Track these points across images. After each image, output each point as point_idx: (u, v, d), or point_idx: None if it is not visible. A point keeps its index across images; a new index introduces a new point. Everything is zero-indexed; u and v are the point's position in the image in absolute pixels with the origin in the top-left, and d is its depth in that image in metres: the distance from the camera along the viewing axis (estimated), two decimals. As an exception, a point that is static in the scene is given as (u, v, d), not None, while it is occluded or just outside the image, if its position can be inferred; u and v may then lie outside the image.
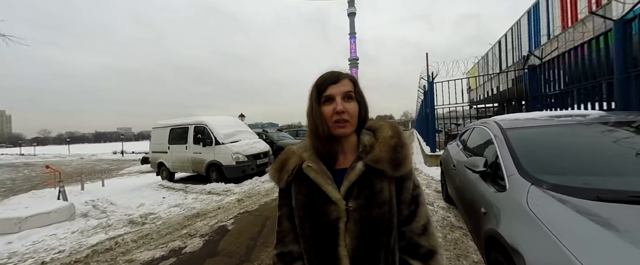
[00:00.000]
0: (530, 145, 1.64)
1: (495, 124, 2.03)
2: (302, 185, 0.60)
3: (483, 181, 1.71)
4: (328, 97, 0.58)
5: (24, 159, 24.05)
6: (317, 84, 0.60)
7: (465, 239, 2.39)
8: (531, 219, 1.10)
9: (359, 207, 0.56)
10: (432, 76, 6.84)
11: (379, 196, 0.57)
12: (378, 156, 0.57)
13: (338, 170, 0.60)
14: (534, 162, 1.45)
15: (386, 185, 0.58)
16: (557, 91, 4.65)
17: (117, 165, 13.79)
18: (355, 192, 0.57)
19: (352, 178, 0.57)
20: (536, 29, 10.91)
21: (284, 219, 0.65)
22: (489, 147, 1.96)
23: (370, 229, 0.55)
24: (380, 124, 0.64)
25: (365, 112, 0.63)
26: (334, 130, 0.58)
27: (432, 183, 4.78)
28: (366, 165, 0.57)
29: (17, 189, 8.00)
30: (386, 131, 0.61)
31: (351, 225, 0.56)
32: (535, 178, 1.30)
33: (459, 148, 2.93)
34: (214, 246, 2.68)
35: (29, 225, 3.38)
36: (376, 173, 0.57)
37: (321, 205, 0.57)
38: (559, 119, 1.89)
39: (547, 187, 1.22)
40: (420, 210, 0.61)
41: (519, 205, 1.22)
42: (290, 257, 0.62)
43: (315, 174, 0.58)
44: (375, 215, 0.56)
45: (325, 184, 0.57)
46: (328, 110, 0.58)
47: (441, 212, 3.18)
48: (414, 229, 0.59)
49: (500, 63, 14.33)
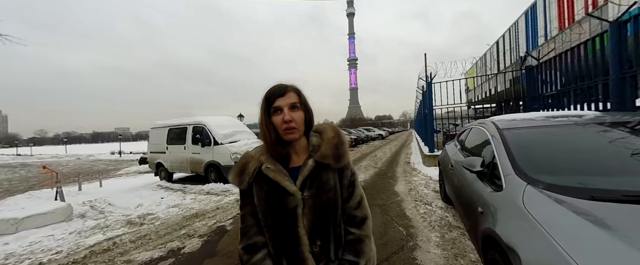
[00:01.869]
0: (527, 145, 1.66)
1: (492, 124, 2.05)
2: (263, 184, 0.70)
3: (480, 181, 1.72)
4: (276, 108, 0.69)
5: (20, 159, 23.85)
6: (266, 97, 0.71)
7: (462, 239, 2.40)
8: (527, 218, 1.12)
9: (312, 195, 0.69)
10: (431, 77, 6.87)
11: (327, 184, 0.71)
12: (324, 153, 0.71)
13: (292, 168, 0.72)
14: (530, 162, 1.47)
15: (331, 176, 0.72)
16: (554, 92, 4.69)
17: (114, 166, 13.72)
18: (308, 184, 0.70)
19: (305, 173, 0.70)
20: (534, 29, 10.99)
21: (247, 216, 0.74)
22: (486, 147, 1.98)
23: (321, 210, 0.70)
24: (324, 127, 0.78)
25: (310, 117, 0.75)
26: (284, 136, 0.69)
27: (431, 183, 4.80)
28: (316, 161, 0.71)
29: (13, 189, 7.94)
30: (329, 133, 0.75)
31: (307, 210, 0.69)
32: (531, 178, 1.31)
33: (457, 148, 2.94)
34: (212, 247, 2.67)
35: (26, 226, 3.36)
36: (323, 167, 0.71)
37: (281, 198, 0.68)
38: (555, 120, 1.91)
39: (543, 187, 1.23)
40: (356, 191, 0.77)
41: (515, 204, 1.23)
42: (255, 247, 0.71)
43: (273, 173, 0.69)
44: (324, 200, 0.70)
45: (284, 180, 0.69)
46: (278, 120, 0.69)
47: (439, 212, 3.20)
48: (352, 205, 0.76)
49: (498, 64, 14.41)
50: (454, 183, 2.58)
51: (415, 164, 7.13)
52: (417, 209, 3.39)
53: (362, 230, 0.75)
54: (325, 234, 0.71)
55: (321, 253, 0.70)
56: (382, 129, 34.07)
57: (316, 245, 0.70)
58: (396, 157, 9.58)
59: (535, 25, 10.80)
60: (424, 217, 3.05)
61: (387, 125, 72.04)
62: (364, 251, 0.73)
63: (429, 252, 2.23)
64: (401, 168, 6.89)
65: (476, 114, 10.49)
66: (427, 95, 7.12)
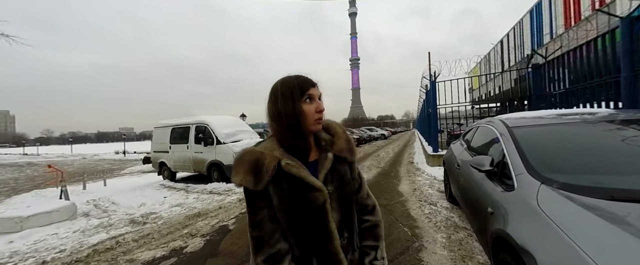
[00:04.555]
0: (538, 143, 1.61)
1: (501, 122, 1.99)
2: (283, 182, 0.65)
3: (489, 180, 1.67)
4: (310, 96, 0.67)
5: (27, 158, 24.20)
6: (298, 84, 0.67)
7: (469, 240, 2.35)
8: (542, 218, 1.07)
9: (336, 188, 0.70)
10: (435, 75, 6.79)
11: (345, 177, 0.73)
12: (341, 147, 0.73)
13: (307, 163, 0.69)
14: (542, 161, 1.42)
15: (347, 168, 0.75)
16: (562, 90, 4.59)
17: (119, 165, 13.83)
18: (329, 177, 0.69)
19: (327, 166, 0.70)
20: (539, 28, 10.84)
21: (265, 221, 0.66)
22: (494, 146, 1.93)
23: (346, 202, 0.71)
24: (330, 123, 0.78)
25: None
26: (314, 126, 0.68)
27: (435, 183, 4.74)
28: (334, 155, 0.72)
29: (19, 188, 8.03)
30: (338, 129, 0.77)
31: (334, 203, 0.68)
32: (545, 177, 1.26)
33: (463, 147, 2.89)
34: (215, 246, 2.66)
35: (31, 224, 3.37)
36: (340, 160, 0.73)
37: (307, 194, 0.65)
38: (566, 117, 1.85)
39: (558, 186, 1.18)
40: (363, 183, 0.82)
41: (528, 204, 1.19)
42: (279, 256, 0.65)
43: (296, 169, 0.65)
44: (347, 191, 0.72)
45: (308, 176, 0.65)
46: (311, 109, 0.67)
47: (445, 212, 3.14)
48: (363, 195, 0.81)
49: (502, 62, 14.24)
50: (460, 183, 2.52)
51: (419, 164, 7.06)
52: (421, 209, 3.33)
53: (375, 216, 0.80)
54: (351, 225, 0.73)
55: (348, 244, 0.71)
56: (385, 128, 33.91)
57: (344, 238, 0.70)
58: (399, 156, 9.50)
59: (541, 24, 10.65)
60: (429, 218, 3.00)
61: (390, 125, 71.75)
62: (381, 235, 0.79)
63: (436, 253, 2.19)
64: (404, 168, 6.83)
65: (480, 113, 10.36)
66: (431, 94, 7.03)
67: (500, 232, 1.27)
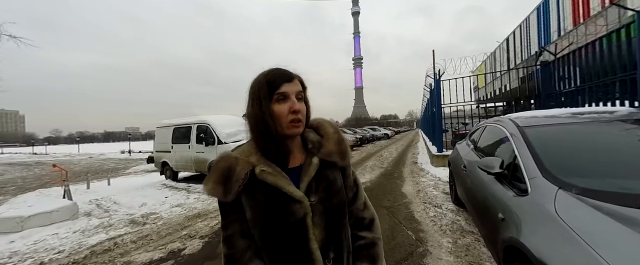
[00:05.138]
0: (553, 144, 1.50)
1: (510, 122, 1.88)
2: (257, 192, 0.56)
3: (499, 184, 1.57)
4: (282, 94, 0.56)
5: (36, 157, 24.70)
6: (268, 79, 0.57)
7: (477, 245, 2.24)
8: (562, 228, 0.97)
9: (321, 199, 0.59)
10: (439, 74, 6.65)
11: (334, 185, 0.62)
12: (329, 150, 0.62)
13: (290, 169, 0.60)
14: (558, 164, 1.31)
15: (337, 175, 0.63)
16: (573, 88, 4.42)
17: (124, 164, 13.98)
18: (314, 186, 0.59)
19: (311, 173, 0.59)
20: (546, 25, 10.55)
21: (236, 237, 0.58)
22: (504, 147, 1.82)
23: (333, 216, 0.60)
24: (321, 122, 0.67)
25: (309, 113, 0.64)
26: (288, 130, 0.57)
27: (440, 184, 4.61)
28: (320, 159, 0.60)
29: (27, 187, 8.15)
30: (329, 128, 0.66)
31: (317, 218, 0.58)
32: (563, 181, 1.16)
33: (470, 148, 2.77)
34: (213, 248, 2.60)
35: (32, 224, 3.37)
36: (328, 165, 0.61)
37: (284, 207, 0.56)
38: (583, 117, 1.73)
39: (578, 192, 1.08)
40: (360, 191, 0.70)
41: (545, 211, 1.09)
42: None
43: (273, 177, 0.56)
44: (335, 203, 0.61)
45: (287, 185, 0.56)
46: (283, 109, 0.56)
47: (450, 215, 3.03)
48: (358, 206, 0.69)
49: (508, 61, 13.93)
50: (467, 185, 2.42)
51: (423, 164, 6.92)
52: (426, 212, 3.23)
53: (373, 232, 0.68)
54: (338, 243, 0.61)
55: None
56: (388, 128, 33.66)
57: (329, 259, 0.59)
58: (402, 156, 9.36)
59: (548, 21, 10.36)
60: (434, 221, 2.89)
61: (393, 124, 71.25)
62: (379, 255, 0.67)
63: (441, 259, 2.09)
64: (408, 168, 6.70)
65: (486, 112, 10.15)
66: (436, 92, 6.89)
67: (513, 241, 1.17)
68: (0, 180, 10.45)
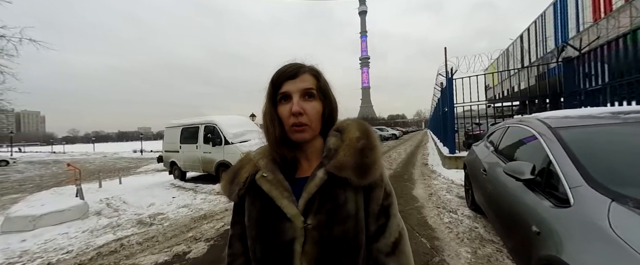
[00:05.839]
0: (595, 148, 1.32)
1: (540, 122, 1.70)
2: (256, 198, 0.51)
3: (531, 192, 1.40)
4: (284, 94, 0.49)
5: (54, 156, 25.81)
6: (272, 78, 0.51)
7: (499, 256, 2.06)
8: (619, 247, 0.81)
9: (319, 224, 0.47)
10: (451, 72, 6.39)
11: (343, 210, 0.48)
12: (342, 162, 0.48)
13: (299, 179, 0.51)
14: (605, 171, 1.14)
15: (352, 196, 0.49)
16: (600, 85, 4.11)
17: (135, 164, 14.33)
18: (316, 206, 0.47)
19: (311, 189, 0.48)
20: (564, 21, 10.01)
21: (235, 240, 0.56)
22: (532, 151, 1.65)
23: (330, 250, 0.46)
24: (348, 123, 0.54)
25: (331, 111, 0.53)
26: (291, 135, 0.49)
27: (453, 187, 4.39)
28: (328, 172, 0.48)
29: (43, 185, 8.45)
30: (353, 132, 0.52)
31: (308, 246, 0.46)
32: (616, 192, 0.99)
33: (489, 150, 2.58)
34: (218, 252, 2.53)
35: (43, 223, 3.43)
36: (340, 182, 0.48)
37: (274, 222, 0.48)
38: (626, 116, 1.53)
39: (635, 205, 0.91)
40: (391, 224, 0.51)
41: (595, 227, 0.93)
42: None
43: (269, 185, 0.49)
44: (338, 234, 0.46)
45: (280, 198, 0.48)
46: (284, 111, 0.49)
47: (467, 221, 2.84)
48: (382, 247, 0.50)
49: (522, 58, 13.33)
50: (487, 190, 2.23)
51: (434, 166, 6.67)
52: (440, 218, 3.05)
53: None
54: None
55: None
56: (396, 128, 33.13)
57: None
58: (412, 158, 9.10)
59: (566, 16, 9.82)
60: (450, 228, 2.71)
61: (401, 124, 70.13)
62: None
63: (460, 271, 1.92)
64: (418, 170, 6.47)
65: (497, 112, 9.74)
66: (448, 92, 6.62)
67: (554, 260, 1.01)
68: (20, 178, 10.92)
